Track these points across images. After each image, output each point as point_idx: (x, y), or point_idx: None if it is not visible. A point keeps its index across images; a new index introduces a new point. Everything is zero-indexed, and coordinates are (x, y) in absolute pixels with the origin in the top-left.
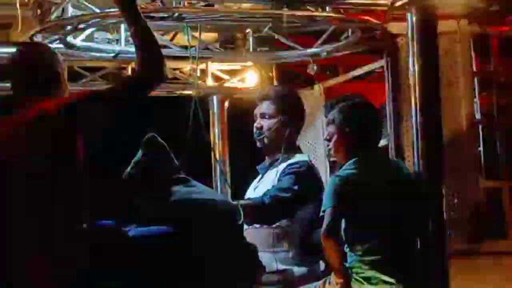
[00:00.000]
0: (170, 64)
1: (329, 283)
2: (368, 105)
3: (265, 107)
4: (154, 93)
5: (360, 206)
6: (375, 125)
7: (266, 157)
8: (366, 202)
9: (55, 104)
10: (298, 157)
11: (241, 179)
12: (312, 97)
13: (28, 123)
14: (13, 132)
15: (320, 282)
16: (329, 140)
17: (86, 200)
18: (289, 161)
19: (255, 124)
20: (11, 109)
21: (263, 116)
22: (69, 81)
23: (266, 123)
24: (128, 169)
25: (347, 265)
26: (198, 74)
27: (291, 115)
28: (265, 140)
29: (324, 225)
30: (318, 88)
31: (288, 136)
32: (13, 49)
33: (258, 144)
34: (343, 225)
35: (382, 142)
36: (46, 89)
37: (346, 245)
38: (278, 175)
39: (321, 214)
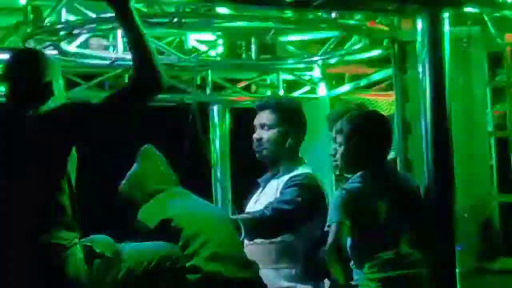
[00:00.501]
0: (168, 72)
1: None
2: (378, 115)
3: (265, 117)
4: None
5: (366, 221)
6: (384, 136)
7: (268, 169)
8: (373, 217)
9: (40, 116)
10: (301, 169)
11: (241, 192)
12: (317, 107)
13: (11, 134)
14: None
15: None
16: (334, 156)
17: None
18: (292, 173)
19: (254, 135)
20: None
21: (262, 126)
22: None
23: (265, 134)
24: (123, 181)
25: (353, 282)
26: (198, 82)
27: (292, 125)
28: (265, 152)
29: (329, 241)
30: (323, 97)
31: (289, 147)
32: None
33: (257, 156)
34: (349, 241)
35: (390, 155)
36: (33, 99)
37: (352, 262)
38: (280, 187)
39: (326, 228)
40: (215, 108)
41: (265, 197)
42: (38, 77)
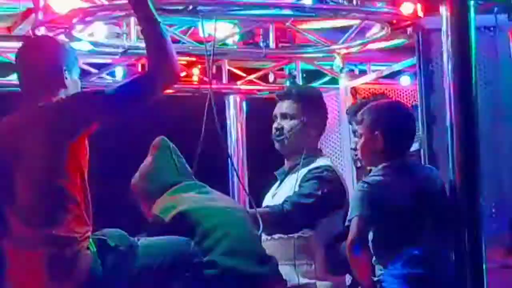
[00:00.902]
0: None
1: None
2: (401, 106)
3: (286, 106)
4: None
5: (389, 215)
6: (407, 127)
7: (286, 162)
8: (395, 211)
9: (51, 107)
10: (320, 162)
11: (259, 186)
12: (337, 98)
13: (23, 122)
14: (8, 132)
15: None
16: (355, 149)
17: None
18: (311, 166)
19: (274, 125)
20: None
21: (283, 116)
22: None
23: (287, 124)
24: (136, 174)
25: (375, 279)
26: (214, 71)
27: (314, 115)
28: (285, 142)
29: (350, 236)
30: (343, 88)
31: (309, 139)
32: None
33: (276, 146)
34: (370, 235)
35: (414, 147)
36: (46, 87)
37: (374, 257)
38: (299, 180)
39: (346, 223)
40: (231, 98)
41: (283, 191)
42: (50, 66)
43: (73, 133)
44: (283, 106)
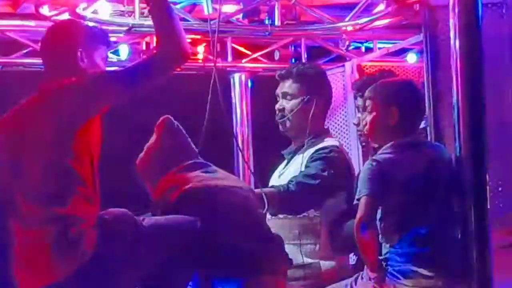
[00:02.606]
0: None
1: (362, 278)
2: (410, 83)
3: (287, 86)
4: None
5: (398, 193)
6: (419, 105)
7: (293, 141)
8: (404, 189)
9: (66, 84)
10: (327, 141)
11: (265, 165)
12: (343, 76)
13: (35, 104)
14: (20, 113)
15: (352, 278)
16: (358, 125)
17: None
18: (317, 146)
19: (276, 106)
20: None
21: (285, 96)
22: None
23: (288, 104)
24: (141, 154)
25: (381, 257)
26: (218, 49)
27: (317, 94)
28: (288, 124)
29: (358, 215)
30: (349, 65)
31: (314, 118)
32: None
33: (280, 127)
34: (378, 214)
35: (421, 125)
36: (61, 70)
37: (381, 236)
38: (305, 160)
39: (355, 202)
40: (236, 76)
41: (290, 170)
42: (63, 49)
43: (83, 115)
44: (284, 86)
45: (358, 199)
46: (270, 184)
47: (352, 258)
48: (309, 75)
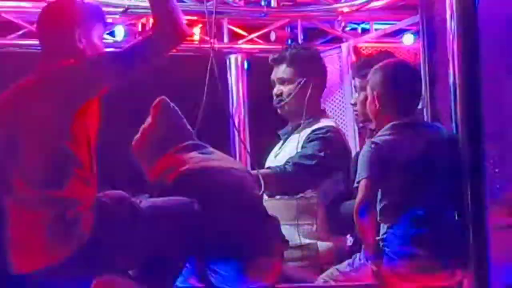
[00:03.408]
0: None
1: (360, 259)
2: (408, 64)
3: (282, 70)
4: None
5: (396, 175)
6: (416, 86)
7: (289, 122)
8: (403, 171)
9: (63, 66)
10: (323, 122)
11: (261, 146)
12: (340, 57)
13: (32, 85)
14: (17, 95)
15: (351, 260)
16: (355, 105)
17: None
18: (314, 127)
19: (274, 91)
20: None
21: (280, 81)
22: None
23: (285, 89)
24: (137, 136)
25: (378, 238)
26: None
27: (312, 76)
28: (286, 107)
29: (358, 198)
30: (346, 47)
31: (310, 99)
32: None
33: (279, 111)
34: (378, 195)
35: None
36: (58, 51)
37: (379, 217)
38: (301, 141)
39: (355, 185)
40: (233, 57)
41: (286, 151)
42: (61, 30)
43: (81, 97)
44: (279, 71)
45: (358, 182)
46: (266, 164)
47: (349, 239)
48: (303, 57)
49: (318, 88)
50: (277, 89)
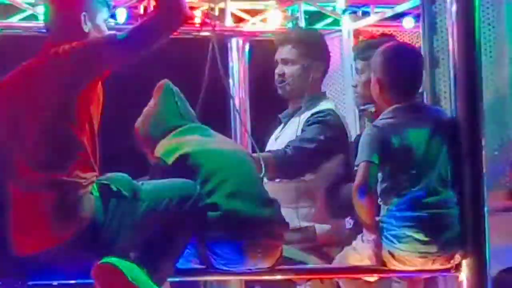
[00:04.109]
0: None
1: (362, 241)
2: (410, 47)
3: (286, 51)
4: None
5: (398, 157)
6: (417, 70)
7: (289, 104)
8: (405, 153)
9: (67, 48)
10: (323, 105)
11: (263, 129)
12: (340, 40)
13: (36, 68)
14: (21, 77)
15: (356, 240)
16: (356, 87)
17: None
18: (314, 109)
19: (276, 71)
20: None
21: (284, 62)
22: None
23: (288, 70)
24: (140, 118)
25: (377, 218)
26: (216, 14)
27: (315, 58)
28: (288, 88)
29: (356, 181)
30: (346, 30)
31: (312, 83)
32: None
33: (280, 91)
34: (379, 176)
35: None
36: (64, 33)
37: (380, 198)
38: (301, 124)
39: (355, 168)
40: (234, 41)
41: (286, 134)
42: (67, 12)
43: (83, 80)
44: (283, 52)
45: (357, 165)
46: (268, 147)
47: (349, 222)
48: (308, 40)
49: (320, 72)
50: (279, 69)
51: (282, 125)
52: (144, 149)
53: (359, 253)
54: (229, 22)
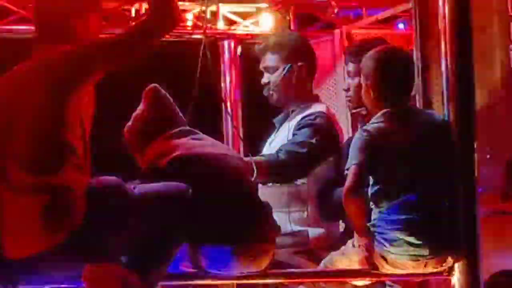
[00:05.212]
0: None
1: (353, 245)
2: (402, 51)
3: (268, 59)
4: None
5: (389, 161)
6: (409, 74)
7: (283, 109)
8: (396, 157)
9: (59, 52)
10: (314, 108)
11: (256, 133)
12: (332, 43)
13: (29, 70)
14: (13, 80)
15: (346, 245)
16: (348, 90)
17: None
18: (305, 113)
19: (262, 80)
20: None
21: (267, 70)
22: None
23: (272, 78)
24: (129, 123)
25: (369, 224)
26: (208, 17)
27: (297, 61)
28: (275, 96)
29: (346, 184)
30: (338, 33)
31: (298, 85)
32: None
33: (270, 101)
34: (371, 180)
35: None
36: (57, 35)
37: (371, 202)
38: (292, 128)
39: (345, 172)
40: (226, 43)
41: (279, 139)
42: (61, 13)
43: (75, 84)
44: (265, 60)
45: (348, 168)
46: (263, 152)
47: (342, 225)
48: (286, 43)
49: (305, 73)
50: (265, 78)
51: (276, 129)
52: (134, 153)
53: (348, 258)
54: (221, 24)
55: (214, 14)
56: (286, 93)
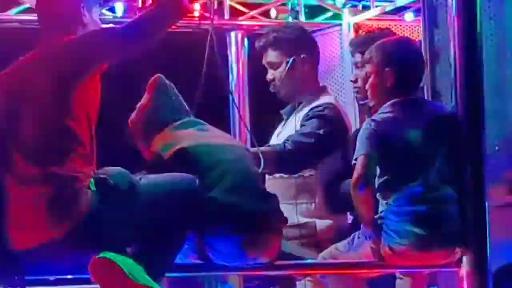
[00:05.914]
0: None
1: (359, 237)
2: (410, 42)
3: (270, 55)
4: None
5: (397, 152)
6: (417, 64)
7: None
8: (403, 148)
9: (65, 41)
10: (322, 99)
11: (263, 124)
12: (340, 34)
13: (35, 61)
14: (19, 70)
15: (349, 238)
16: (355, 82)
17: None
18: (313, 104)
19: (267, 77)
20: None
21: (270, 66)
22: None
23: (277, 74)
24: (133, 113)
25: (376, 216)
26: (215, 7)
27: (300, 54)
28: (282, 92)
29: (355, 174)
30: (346, 24)
31: (304, 77)
32: None
33: (277, 96)
34: (377, 171)
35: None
36: (63, 25)
37: (378, 193)
38: (300, 119)
39: (353, 162)
40: (233, 34)
41: (287, 130)
42: (67, 3)
43: (81, 73)
44: (267, 56)
45: (356, 159)
46: (270, 143)
47: (350, 217)
48: (286, 37)
49: (310, 64)
50: (269, 74)
51: (283, 120)
52: (139, 144)
53: (355, 249)
54: (227, 15)
55: (221, 5)
56: (293, 87)
